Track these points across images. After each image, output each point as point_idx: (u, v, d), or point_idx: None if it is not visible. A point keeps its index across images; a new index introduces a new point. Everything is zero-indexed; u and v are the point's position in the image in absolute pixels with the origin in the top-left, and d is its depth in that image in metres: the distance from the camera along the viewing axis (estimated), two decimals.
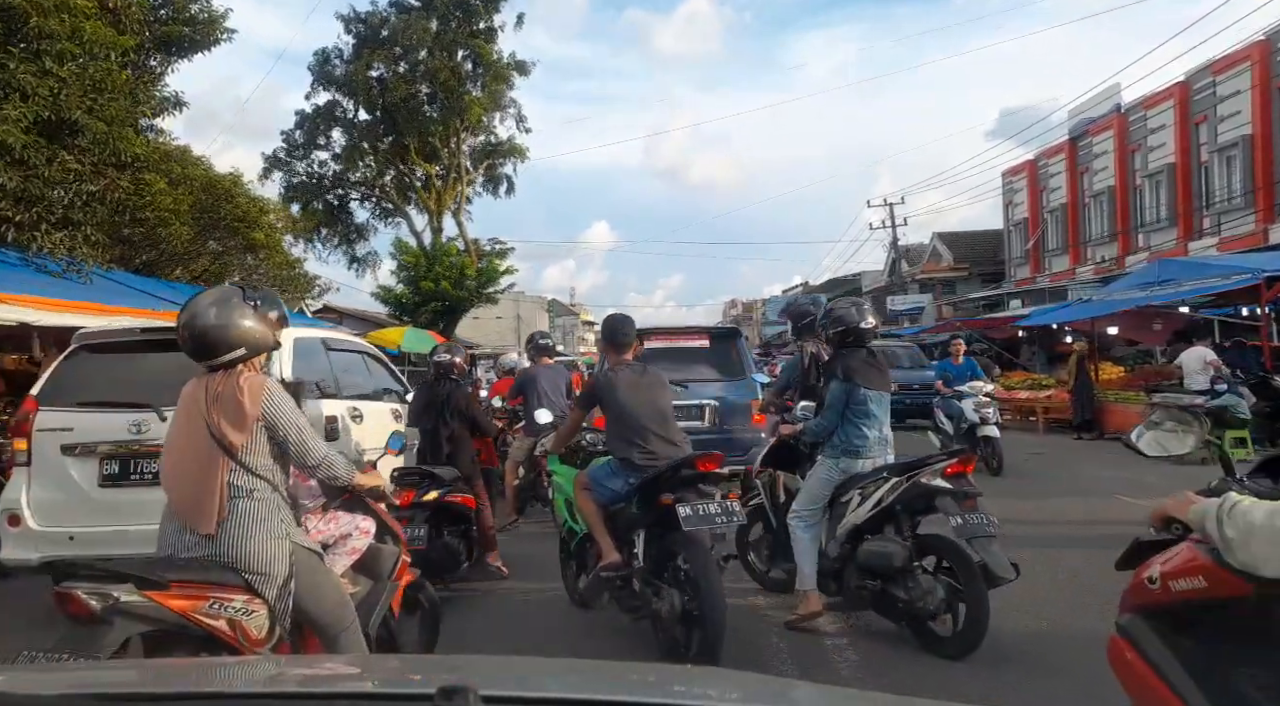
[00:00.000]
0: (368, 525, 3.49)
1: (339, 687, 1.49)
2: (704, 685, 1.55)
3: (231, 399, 2.82)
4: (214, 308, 2.86)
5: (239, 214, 12.07)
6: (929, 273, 36.81)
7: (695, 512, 4.08)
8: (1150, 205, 24.30)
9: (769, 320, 56.10)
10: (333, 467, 3.04)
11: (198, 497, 2.79)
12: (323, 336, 6.34)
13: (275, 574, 2.82)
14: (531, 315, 64.14)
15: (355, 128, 28.38)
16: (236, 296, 2.93)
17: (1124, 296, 13.96)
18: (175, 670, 1.78)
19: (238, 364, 2.89)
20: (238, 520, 2.80)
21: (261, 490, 2.87)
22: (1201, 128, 22.29)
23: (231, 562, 2.77)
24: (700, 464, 4.30)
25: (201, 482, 2.79)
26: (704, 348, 9.46)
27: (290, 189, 28.89)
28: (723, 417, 8.95)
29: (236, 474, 2.83)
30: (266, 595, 2.79)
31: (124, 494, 4.79)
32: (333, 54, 27.67)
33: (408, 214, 30.36)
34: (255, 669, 1.84)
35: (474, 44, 27.00)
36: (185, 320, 2.86)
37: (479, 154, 30.96)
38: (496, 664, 2.12)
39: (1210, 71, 21.50)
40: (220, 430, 2.80)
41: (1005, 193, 33.26)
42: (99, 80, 7.60)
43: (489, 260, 29.29)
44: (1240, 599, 1.82)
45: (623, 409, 4.50)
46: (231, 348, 2.86)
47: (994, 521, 4.29)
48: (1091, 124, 26.86)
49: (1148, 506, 2.12)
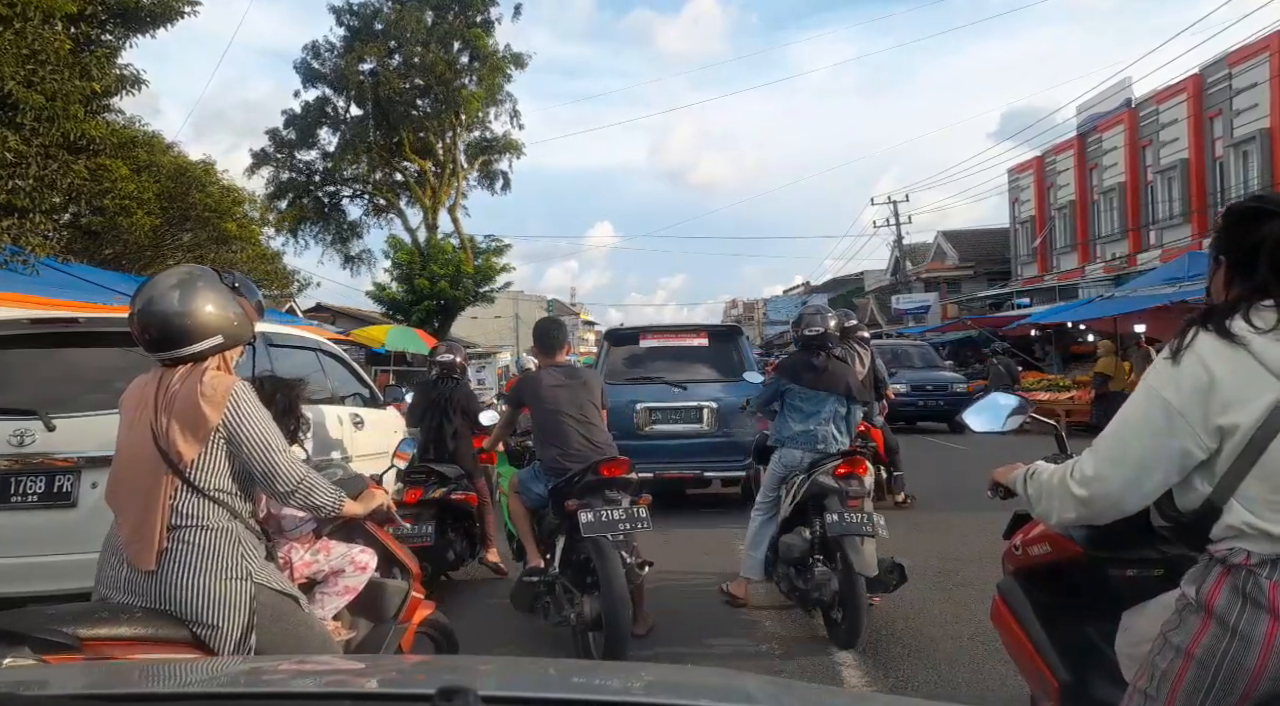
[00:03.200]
0: (366, 559, 2.95)
1: (339, 687, 1.46)
2: (704, 685, 1.51)
3: (187, 400, 2.26)
4: (179, 288, 2.31)
5: (210, 204, 11.36)
6: (934, 271, 36.28)
7: (597, 519, 4.05)
8: (1163, 202, 23.69)
9: (770, 320, 55.67)
10: (311, 494, 2.42)
11: (137, 524, 2.24)
12: (262, 330, 5.53)
13: (229, 625, 2.23)
14: (530, 315, 63.65)
15: (346, 123, 27.70)
16: (207, 276, 2.39)
17: (1152, 292, 13.23)
18: (174, 670, 1.70)
19: (207, 357, 2.34)
20: (181, 555, 2.22)
21: (216, 518, 2.28)
22: (1216, 122, 21.67)
23: (173, 608, 2.20)
24: (605, 469, 4.27)
25: (144, 506, 2.23)
26: (703, 347, 9.00)
27: (279, 186, 28.28)
28: (723, 420, 8.45)
29: (183, 496, 2.25)
30: (219, 652, 2.21)
31: (1, 519, 3.85)
32: (323, 48, 27.03)
33: (402, 211, 29.79)
34: (255, 669, 1.73)
35: (471, 35, 26.35)
36: (143, 304, 2.30)
37: (474, 149, 30.37)
38: (496, 664, 2.14)
39: (1226, 63, 20.88)
40: (167, 438, 2.24)
41: (1011, 190, 32.69)
42: (36, 49, 6.93)
43: (485, 258, 28.70)
44: (1075, 560, 2.22)
45: (544, 410, 4.50)
46: (204, 335, 2.31)
47: (875, 522, 4.49)
48: (1101, 120, 26.27)
49: None
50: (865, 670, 4.17)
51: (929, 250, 39.00)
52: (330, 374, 6.10)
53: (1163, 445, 1.60)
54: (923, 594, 5.28)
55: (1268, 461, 1.54)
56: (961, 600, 5.16)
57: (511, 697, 1.21)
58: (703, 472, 8.37)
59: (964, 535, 6.88)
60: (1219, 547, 1.60)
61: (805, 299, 53.28)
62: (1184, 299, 11.95)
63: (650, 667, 2.41)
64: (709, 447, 8.35)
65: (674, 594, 5.43)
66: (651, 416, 8.43)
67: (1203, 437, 1.57)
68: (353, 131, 27.46)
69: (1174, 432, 1.58)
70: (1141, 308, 12.67)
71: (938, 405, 14.85)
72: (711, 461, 8.33)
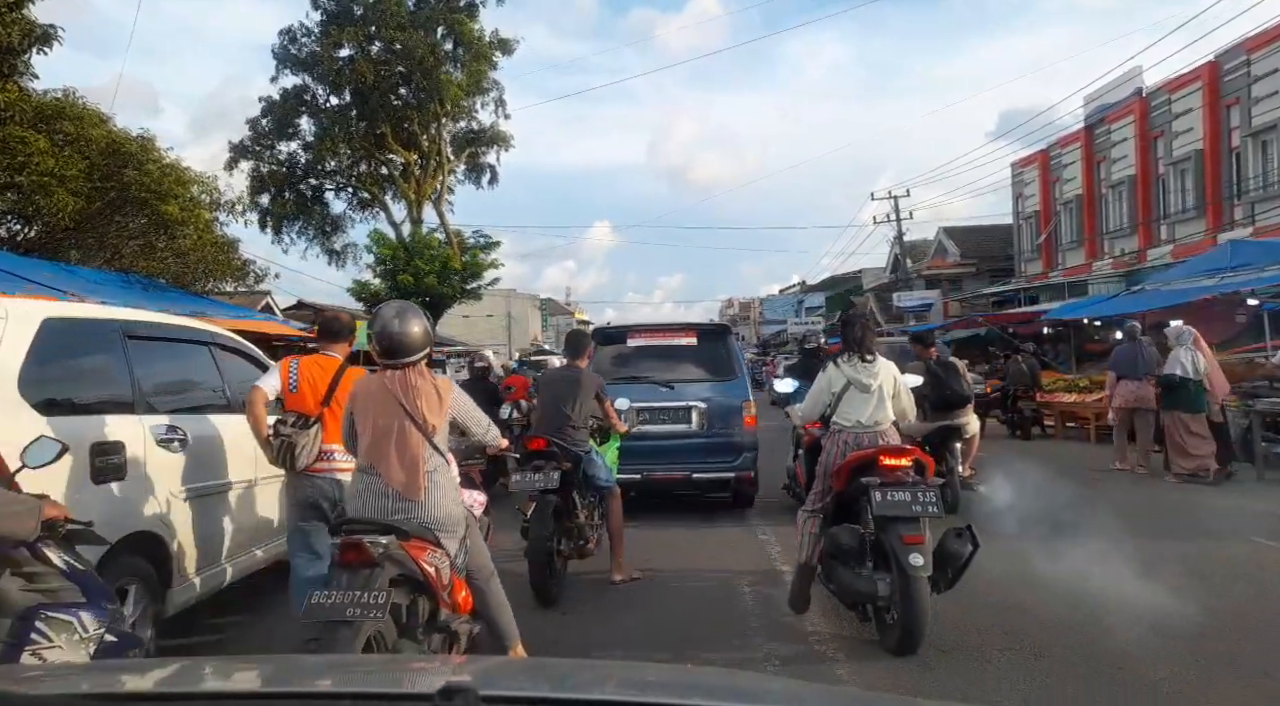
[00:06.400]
0: (482, 498, 4.48)
1: (340, 687, 1.45)
2: (704, 685, 1.55)
3: (429, 390, 3.49)
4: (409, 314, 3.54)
5: (148, 183, 10.12)
6: (935, 269, 35.40)
7: (521, 479, 5.54)
8: (1175, 195, 22.77)
9: (766, 319, 54.80)
10: (488, 433, 3.98)
11: (410, 472, 3.38)
12: (121, 318, 4.32)
13: (460, 530, 3.54)
14: (524, 314, 62.79)
15: (324, 113, 26.58)
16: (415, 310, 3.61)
17: (1189, 284, 12.14)
18: (176, 670, 1.71)
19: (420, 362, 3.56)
20: (433, 489, 3.42)
21: (445, 465, 3.56)
22: (1233, 110, 20.76)
23: (432, 523, 3.38)
24: (528, 442, 5.77)
25: (412, 460, 3.39)
26: (692, 346, 8.78)
27: (259, 179, 27.19)
28: (712, 421, 8.27)
29: (430, 452, 3.46)
30: (449, 548, 3.41)
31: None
32: (299, 33, 25.90)
33: (386, 204, 28.71)
34: (255, 668, 1.70)
35: (454, 20, 25.28)
36: (381, 327, 3.50)
37: (460, 141, 29.32)
38: (496, 664, 2.35)
39: (1244, 49, 19.96)
40: (423, 416, 3.43)
41: (1015, 185, 31.79)
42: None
43: (473, 254, 27.67)
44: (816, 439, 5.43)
45: (540, 395, 6.16)
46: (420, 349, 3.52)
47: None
48: (1110, 110, 25.35)
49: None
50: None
51: (929, 247, 38.15)
52: (231, 376, 4.94)
53: (822, 394, 4.97)
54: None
55: (841, 404, 4.85)
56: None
57: (511, 697, 1.26)
58: (691, 475, 8.20)
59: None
60: (835, 426, 4.87)
61: (801, 298, 52.56)
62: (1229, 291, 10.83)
63: (650, 667, 2.41)
64: (698, 449, 8.18)
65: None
66: (639, 417, 7.93)
67: (827, 394, 4.91)
68: (331, 120, 26.36)
69: (824, 391, 4.94)
70: (1180, 302, 11.60)
71: None
72: (700, 463, 8.17)
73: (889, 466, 4.42)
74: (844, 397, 4.83)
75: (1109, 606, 4.82)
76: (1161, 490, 9.10)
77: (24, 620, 2.58)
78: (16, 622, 2.58)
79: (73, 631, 2.62)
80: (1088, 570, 5.45)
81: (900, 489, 4.26)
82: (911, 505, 4.21)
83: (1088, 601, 4.96)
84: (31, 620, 2.58)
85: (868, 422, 4.73)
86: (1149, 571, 5.41)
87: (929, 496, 4.25)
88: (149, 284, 10.34)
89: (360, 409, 3.48)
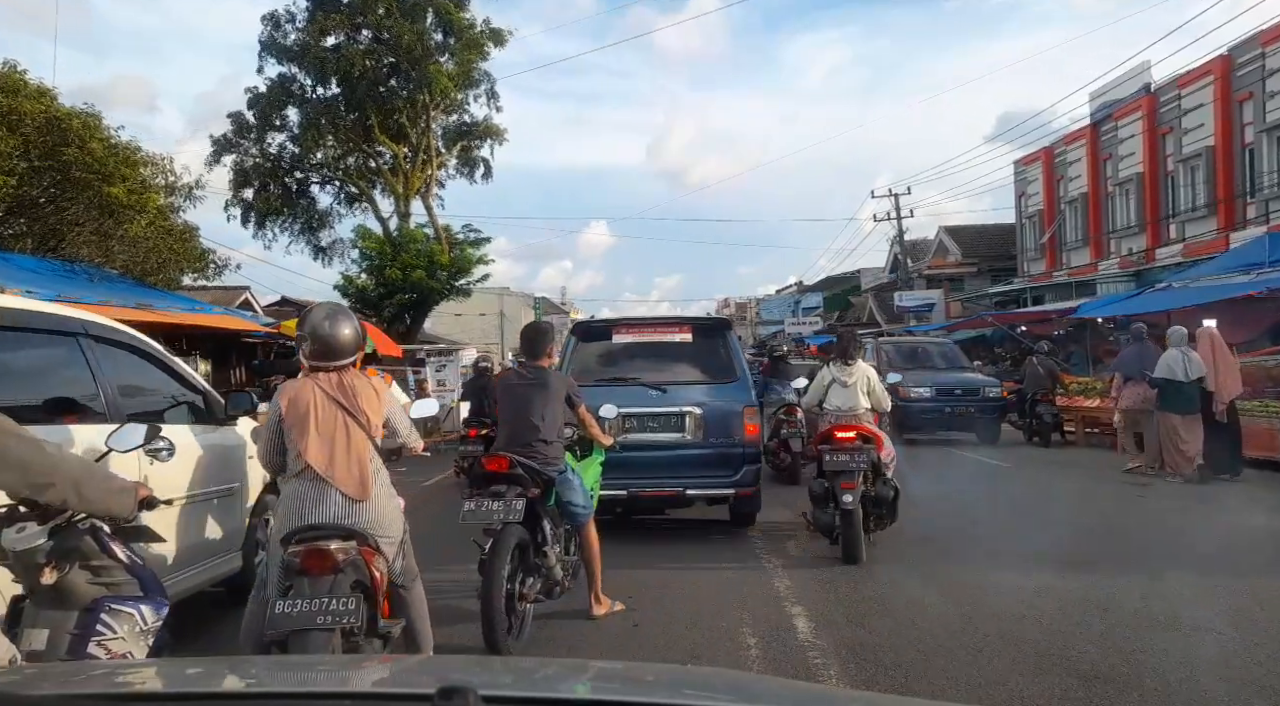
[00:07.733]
0: (400, 501, 3.99)
1: (339, 687, 1.46)
2: (704, 685, 1.54)
3: (368, 391, 3.45)
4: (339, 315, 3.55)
5: (91, 163, 9.29)
6: (936, 268, 34.71)
7: (476, 508, 4.54)
8: (1185, 193, 22.09)
9: (762, 319, 54.15)
10: (411, 436, 3.82)
11: (357, 472, 3.30)
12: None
13: (400, 531, 3.49)
14: (517, 313, 61.89)
15: (310, 104, 25.72)
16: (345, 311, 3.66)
17: (1222, 280, 11.39)
18: (175, 670, 1.74)
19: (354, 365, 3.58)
20: (379, 489, 3.38)
21: (382, 464, 3.52)
22: (1246, 105, 20.10)
23: (376, 525, 3.31)
24: (486, 463, 4.76)
25: (358, 460, 3.32)
26: (686, 343, 7.62)
27: (243, 172, 26.33)
28: (709, 428, 7.15)
29: (373, 452, 3.42)
30: (388, 553, 3.34)
31: None
32: (283, 19, 25.05)
33: (373, 199, 27.86)
34: (255, 669, 1.73)
35: (443, 7, 24.44)
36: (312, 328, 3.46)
37: (452, 134, 28.48)
38: (496, 664, 2.33)
39: (1259, 42, 19.29)
40: (365, 416, 3.38)
41: (1018, 183, 31.13)
42: None
43: (462, 249, 26.80)
44: None
45: (501, 405, 5.14)
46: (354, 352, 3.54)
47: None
48: (1117, 107, 24.67)
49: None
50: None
51: (930, 246, 37.46)
52: (107, 376, 3.94)
53: (818, 387, 6.94)
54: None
55: (829, 394, 6.89)
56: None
57: (511, 697, 1.26)
58: (685, 490, 7.11)
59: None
60: (824, 410, 6.96)
61: (798, 298, 51.92)
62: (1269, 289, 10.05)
63: (650, 667, 2.38)
64: (692, 460, 7.12)
65: None
66: (625, 424, 6.96)
67: (821, 387, 7.03)
68: (317, 111, 25.51)
69: (820, 385, 6.97)
70: (1213, 299, 10.85)
71: (968, 411, 12.96)
72: (695, 477, 7.09)
73: (839, 438, 6.48)
74: (830, 390, 6.96)
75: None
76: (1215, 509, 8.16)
77: (91, 612, 2.65)
78: (84, 614, 2.65)
79: (134, 623, 2.70)
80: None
81: (843, 452, 6.34)
82: (849, 464, 6.27)
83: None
84: (98, 612, 2.65)
85: (845, 408, 6.85)
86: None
87: (860, 459, 6.31)
88: (95, 273, 9.55)
89: (296, 415, 3.33)
